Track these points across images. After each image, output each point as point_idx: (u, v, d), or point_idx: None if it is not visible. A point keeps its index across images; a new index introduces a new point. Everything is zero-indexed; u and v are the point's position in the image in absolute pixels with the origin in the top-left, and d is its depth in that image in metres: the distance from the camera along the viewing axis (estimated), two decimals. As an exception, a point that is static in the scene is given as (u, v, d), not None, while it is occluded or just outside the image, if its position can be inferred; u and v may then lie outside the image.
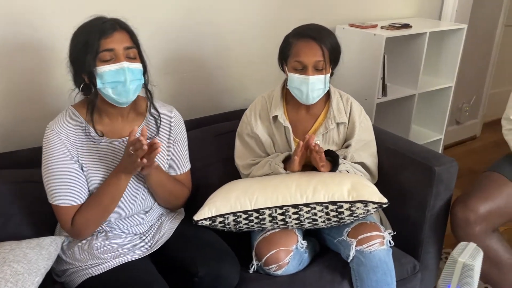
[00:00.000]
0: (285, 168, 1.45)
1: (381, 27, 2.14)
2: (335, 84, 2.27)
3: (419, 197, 1.48)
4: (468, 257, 0.65)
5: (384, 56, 2.08)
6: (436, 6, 2.62)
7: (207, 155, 1.65)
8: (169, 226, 1.39)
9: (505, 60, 3.48)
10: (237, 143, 1.59)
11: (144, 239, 1.33)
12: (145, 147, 1.12)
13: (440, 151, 2.62)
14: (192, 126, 1.71)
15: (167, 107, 1.40)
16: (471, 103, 3.23)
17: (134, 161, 1.15)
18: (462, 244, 0.66)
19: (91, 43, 1.15)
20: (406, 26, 2.14)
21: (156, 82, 1.33)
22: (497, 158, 1.50)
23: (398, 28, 2.11)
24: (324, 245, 1.51)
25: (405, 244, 1.54)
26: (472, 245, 0.64)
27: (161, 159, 1.35)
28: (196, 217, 1.36)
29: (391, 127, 2.40)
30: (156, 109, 1.34)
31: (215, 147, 1.67)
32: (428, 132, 2.59)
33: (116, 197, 1.25)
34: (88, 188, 1.26)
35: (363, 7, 2.30)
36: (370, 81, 2.10)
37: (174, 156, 1.40)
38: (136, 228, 1.34)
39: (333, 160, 1.46)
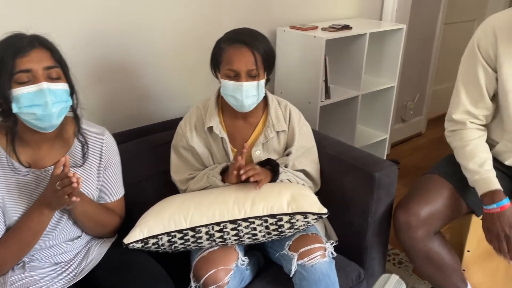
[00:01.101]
0: (223, 180, 1.37)
1: (322, 29, 2.11)
2: (277, 88, 2.25)
3: (361, 203, 1.45)
4: (390, 293, 0.61)
5: (325, 59, 2.05)
6: (377, 7, 2.64)
7: (143, 169, 1.55)
8: (98, 251, 1.28)
9: (446, 57, 3.58)
10: (173, 157, 1.50)
11: (67, 268, 1.22)
12: (75, 184, 1.02)
13: (386, 150, 2.64)
14: (126, 138, 1.61)
15: (98, 130, 1.28)
16: (415, 100, 3.30)
17: (60, 197, 1.05)
18: (383, 277, 0.61)
19: (5, 63, 1.03)
20: (347, 27, 2.12)
21: (85, 94, 1.22)
22: (443, 154, 1.50)
23: (339, 29, 2.09)
24: (268, 257, 1.45)
25: (350, 251, 1.51)
26: (394, 278, 0.60)
27: (89, 187, 1.24)
28: (127, 240, 1.26)
29: (337, 129, 2.40)
30: (82, 135, 1.22)
31: (152, 160, 1.57)
32: (374, 132, 2.61)
33: (38, 232, 1.13)
34: (4, 223, 1.13)
35: (304, 8, 2.26)
36: (312, 84, 2.07)
37: (105, 183, 1.29)
38: (59, 257, 1.22)
39: (273, 169, 1.40)
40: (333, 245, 1.31)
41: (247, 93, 1.33)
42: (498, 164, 1.43)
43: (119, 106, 1.78)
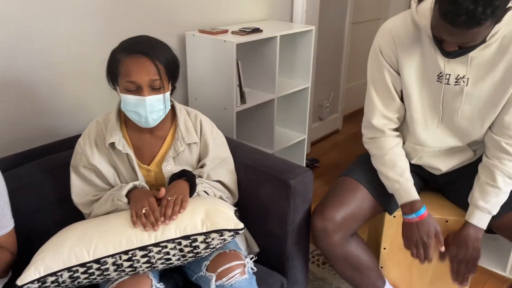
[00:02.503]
0: (130, 203, 1.26)
1: (232, 32, 2.06)
2: (191, 95, 2.16)
3: (279, 212, 1.42)
4: None
5: (237, 63, 2.00)
6: (287, 9, 2.65)
7: (39, 196, 1.39)
8: (-14, 297, 1.11)
9: (356, 55, 3.73)
10: (73, 178, 1.36)
11: None
12: None
13: (305, 150, 2.67)
14: (18, 161, 1.44)
15: None
16: (330, 99, 3.39)
17: None
18: None
19: None
20: (257, 30, 2.09)
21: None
22: (360, 149, 1.51)
23: (249, 33, 2.05)
24: (187, 279, 1.36)
25: (272, 261, 1.47)
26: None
27: None
28: (20, 281, 1.10)
29: (255, 134, 2.37)
30: None
31: (50, 185, 1.42)
32: (293, 133, 2.62)
33: None
34: None
35: (213, 11, 2.19)
36: (227, 90, 2.01)
37: None
38: None
39: (189, 180, 1.32)
40: (253, 259, 1.26)
41: (152, 108, 1.23)
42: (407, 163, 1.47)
43: (8, 125, 1.58)
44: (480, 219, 1.31)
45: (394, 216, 1.49)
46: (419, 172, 1.51)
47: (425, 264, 1.37)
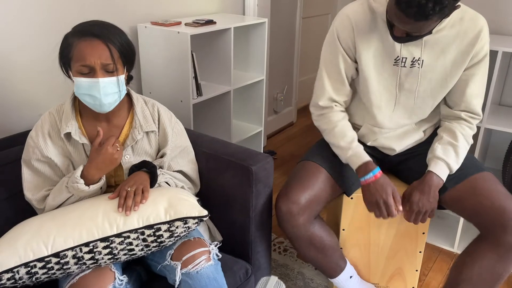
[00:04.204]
0: (87, 184, 1.23)
1: (185, 24, 2.04)
2: (145, 88, 2.12)
3: (242, 198, 1.43)
4: (270, 297, 0.58)
5: (192, 55, 1.99)
6: (239, 2, 2.66)
7: (-13, 194, 1.31)
8: None
9: (307, 49, 3.81)
10: (25, 173, 1.29)
11: None
12: None
13: (262, 142, 2.69)
14: (-38, 159, 1.35)
15: None
16: (284, 92, 3.44)
17: None
18: (262, 280, 0.58)
19: None
20: (211, 22, 2.09)
21: None
22: (314, 140, 1.56)
23: (203, 24, 2.04)
24: (150, 271, 1.34)
25: (235, 248, 1.48)
26: (273, 280, 0.57)
27: None
28: (-28, 281, 1.04)
29: (212, 126, 2.36)
30: None
31: (-2, 182, 1.34)
32: (249, 126, 2.63)
33: None
34: None
35: (165, 3, 2.16)
36: (182, 82, 1.99)
37: None
38: None
39: (150, 172, 1.29)
40: (218, 246, 1.26)
41: (106, 90, 1.20)
42: (362, 145, 1.53)
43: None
44: (441, 169, 1.39)
45: (351, 198, 1.55)
46: (374, 154, 1.58)
47: (388, 219, 1.42)
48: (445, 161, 1.39)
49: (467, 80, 1.40)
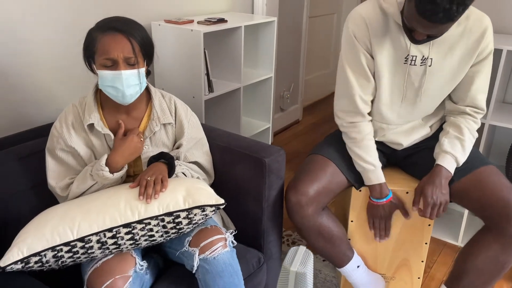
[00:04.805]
0: (111, 172, 1.29)
1: (198, 22, 2.10)
2: (158, 84, 2.18)
3: (255, 190, 1.49)
4: (299, 264, 0.63)
5: (205, 52, 2.05)
6: (248, 1, 2.72)
7: (11, 184, 1.37)
8: (-34, 282, 1.09)
9: (313, 48, 3.87)
10: (50, 162, 1.35)
11: None
12: None
13: (270, 139, 2.75)
14: (-14, 150, 1.40)
15: None
16: (290, 90, 3.49)
17: None
18: (292, 250, 0.64)
19: None
20: (222, 20, 2.14)
21: None
22: (320, 138, 1.61)
23: (215, 22, 2.10)
24: (167, 258, 1.40)
25: (248, 238, 1.54)
26: (301, 249, 0.62)
27: None
28: (3, 263, 1.10)
29: (223, 122, 2.42)
30: None
31: (22, 173, 1.40)
32: (258, 122, 2.69)
33: None
34: None
35: (177, 2, 2.22)
36: (195, 79, 2.05)
37: None
38: None
39: (168, 163, 1.35)
40: (233, 234, 1.32)
41: (128, 82, 1.26)
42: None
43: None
44: (449, 163, 1.45)
45: (360, 190, 1.60)
46: (381, 148, 1.63)
47: (382, 238, 1.59)
48: (453, 154, 1.44)
49: (473, 76, 1.45)
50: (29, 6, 1.60)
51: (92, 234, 1.16)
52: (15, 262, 1.11)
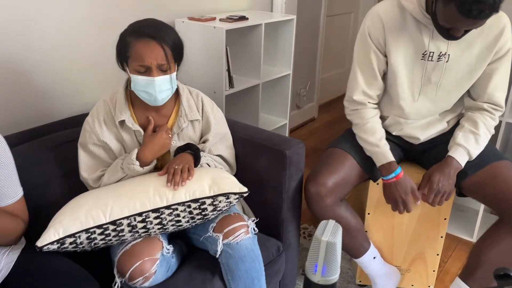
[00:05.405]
0: (141, 166, 1.36)
1: (220, 20, 2.16)
2: (183, 79, 2.24)
3: (275, 181, 1.54)
4: (330, 235, 0.69)
5: (226, 48, 2.11)
6: (267, -1, 2.78)
7: (44, 171, 1.45)
8: (6, 261, 1.17)
9: (330, 47, 3.90)
10: (82, 155, 1.43)
11: (-27, 283, 1.10)
12: None
13: (286, 135, 2.80)
14: (20, 140, 1.49)
15: None
16: (307, 88, 3.54)
17: None
18: (322, 223, 0.69)
19: None
20: (243, 18, 2.20)
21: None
22: (335, 135, 1.65)
23: (236, 20, 2.15)
24: (191, 245, 1.46)
25: (268, 227, 1.59)
26: (331, 222, 0.67)
27: None
28: (40, 243, 1.17)
29: (241, 117, 2.48)
30: None
31: (54, 161, 1.47)
32: (275, 119, 2.74)
33: None
34: None
35: (199, 0, 2.29)
36: (216, 74, 2.11)
37: None
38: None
39: (194, 153, 1.42)
40: (254, 221, 1.37)
41: (160, 88, 1.33)
42: (387, 135, 1.62)
43: (10, 106, 1.62)
44: (461, 155, 1.48)
45: (377, 183, 1.64)
46: (398, 142, 1.67)
47: (404, 213, 1.54)
48: (465, 147, 1.47)
49: (491, 74, 1.48)
50: (57, 5, 1.67)
51: (123, 218, 1.23)
52: (52, 243, 1.18)
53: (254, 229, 1.36)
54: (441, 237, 1.70)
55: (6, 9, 1.53)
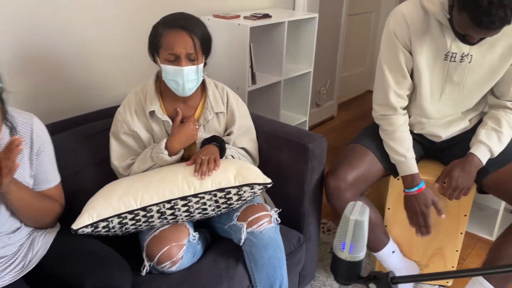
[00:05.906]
0: (169, 155, 1.42)
1: (244, 17, 2.21)
2: (208, 74, 2.30)
3: (297, 174, 1.58)
4: (358, 214, 0.72)
5: (250, 45, 2.15)
6: (290, -2, 2.82)
7: (79, 159, 1.52)
8: (43, 242, 1.24)
9: (351, 46, 3.92)
10: (113, 144, 1.49)
11: (13, 261, 1.17)
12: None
13: (306, 132, 2.83)
14: (56, 129, 1.56)
15: (25, 116, 1.22)
16: (327, 86, 3.56)
17: None
18: (350, 204, 0.72)
19: None
20: (267, 16, 2.25)
21: (12, 83, 1.16)
22: (353, 134, 1.68)
23: (260, 18, 2.20)
24: (214, 233, 1.51)
25: (289, 219, 1.63)
26: (359, 203, 0.71)
27: (23, 175, 1.19)
28: (75, 226, 1.24)
29: (263, 113, 2.52)
30: (8, 120, 1.16)
31: (87, 150, 1.54)
32: (295, 115, 2.78)
33: None
34: None
35: (224, -2, 2.35)
36: (240, 70, 2.16)
37: (39, 170, 1.24)
38: (2, 250, 1.16)
39: (219, 145, 1.47)
40: (277, 212, 1.42)
41: (188, 77, 1.38)
42: (409, 132, 1.64)
43: (48, 97, 1.71)
44: (483, 152, 1.49)
45: (398, 179, 1.67)
46: (419, 140, 1.69)
47: (424, 234, 1.56)
48: (487, 145, 1.49)
49: None
50: (92, 3, 1.75)
51: (153, 205, 1.29)
52: (86, 226, 1.25)
53: (276, 219, 1.40)
54: (461, 233, 1.72)
55: (43, 5, 1.60)
